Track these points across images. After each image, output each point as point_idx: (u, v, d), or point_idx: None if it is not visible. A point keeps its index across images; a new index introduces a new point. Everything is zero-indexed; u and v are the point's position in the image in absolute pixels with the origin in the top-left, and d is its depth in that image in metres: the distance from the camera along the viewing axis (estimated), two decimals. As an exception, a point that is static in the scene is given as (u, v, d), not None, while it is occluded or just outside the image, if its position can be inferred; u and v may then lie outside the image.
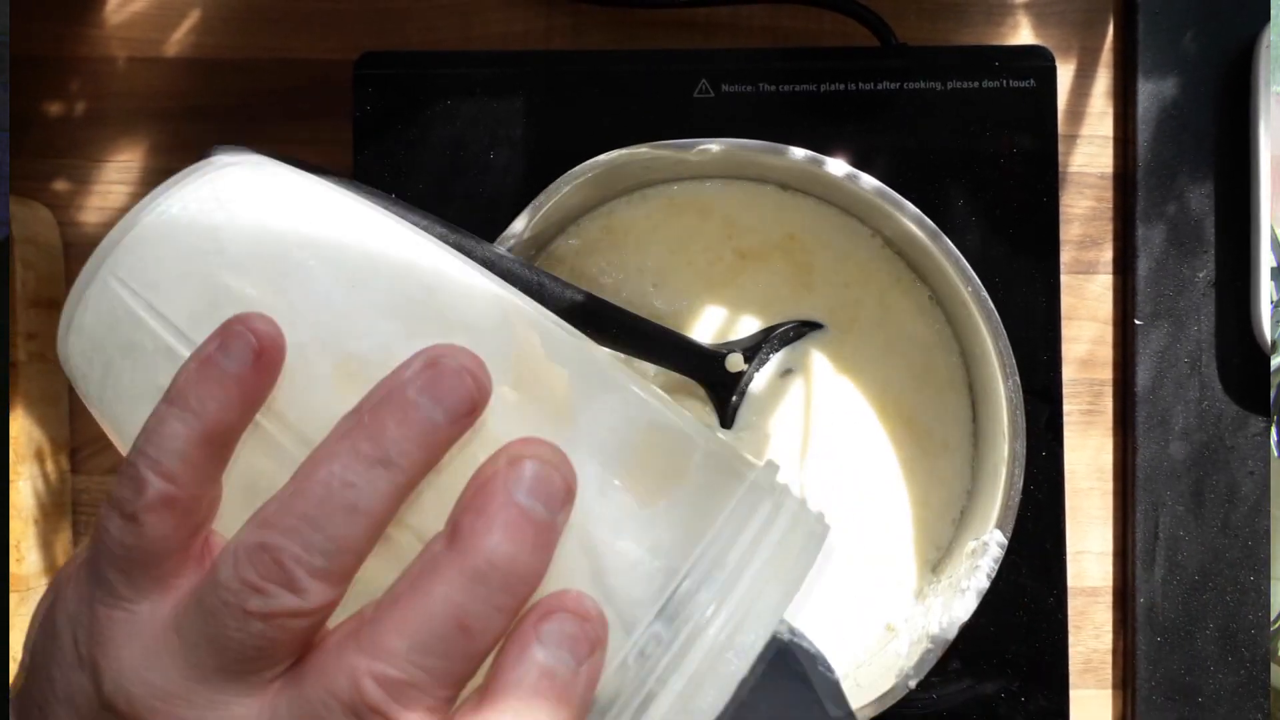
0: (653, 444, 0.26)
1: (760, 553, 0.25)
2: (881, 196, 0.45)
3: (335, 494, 0.23)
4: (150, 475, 0.24)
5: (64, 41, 0.53)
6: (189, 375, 0.24)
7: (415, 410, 0.23)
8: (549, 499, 0.23)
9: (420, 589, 0.23)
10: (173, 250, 0.27)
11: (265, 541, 0.23)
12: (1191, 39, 0.52)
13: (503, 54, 0.52)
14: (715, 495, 0.26)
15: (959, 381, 0.49)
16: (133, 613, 0.24)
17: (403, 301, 0.26)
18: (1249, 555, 0.51)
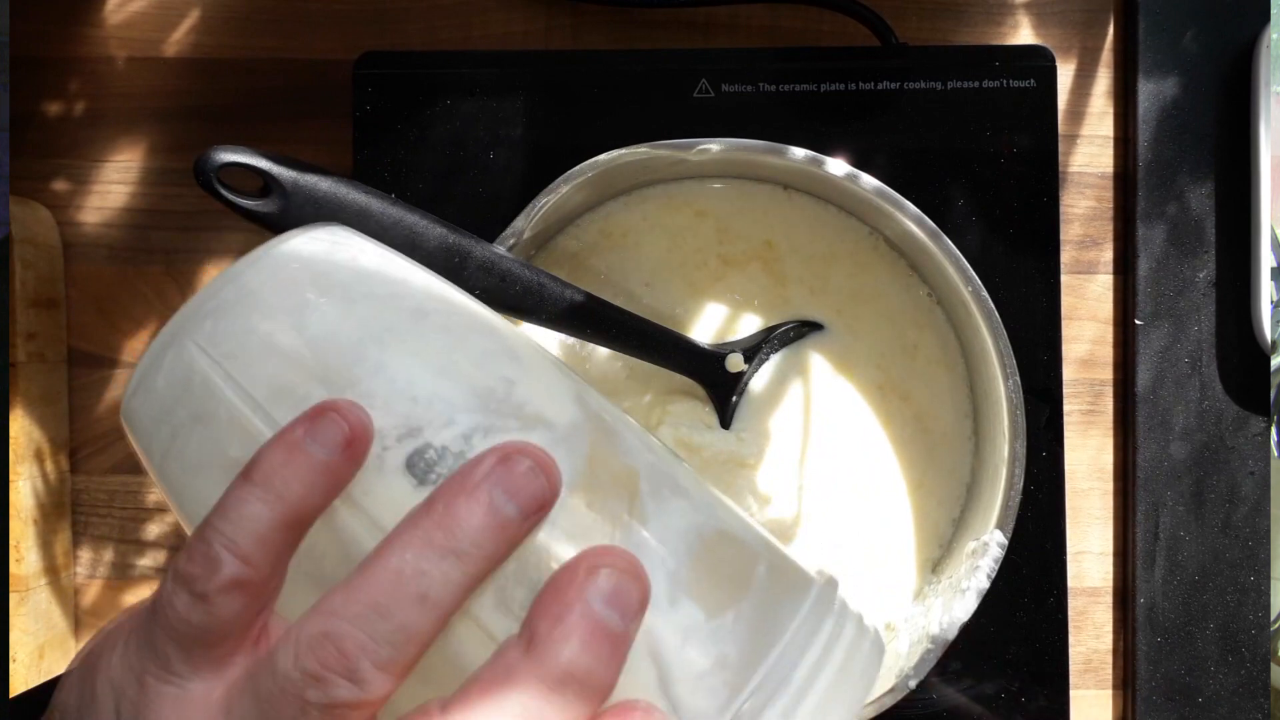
0: (720, 554, 0.27)
1: (825, 673, 0.25)
2: (882, 196, 0.45)
3: (407, 582, 0.23)
4: (225, 555, 0.23)
5: (63, 41, 0.53)
6: (275, 457, 0.24)
7: (491, 506, 0.23)
8: (625, 610, 0.23)
9: (496, 695, 0.22)
10: (256, 324, 0.27)
11: (330, 630, 0.22)
12: (1192, 39, 0.52)
13: (503, 54, 0.52)
14: (780, 609, 0.26)
15: (959, 382, 0.49)
16: (184, 690, 0.24)
17: (483, 394, 0.26)
18: (1249, 555, 0.51)
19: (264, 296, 0.27)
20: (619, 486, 0.26)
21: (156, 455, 0.27)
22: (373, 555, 0.23)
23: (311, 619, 0.23)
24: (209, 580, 0.23)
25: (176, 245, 0.53)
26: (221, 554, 0.23)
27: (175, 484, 0.27)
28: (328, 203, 0.38)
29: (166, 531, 0.53)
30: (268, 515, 0.24)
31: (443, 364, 0.27)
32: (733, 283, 0.49)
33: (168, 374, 0.27)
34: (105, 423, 0.53)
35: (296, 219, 0.38)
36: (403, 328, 0.27)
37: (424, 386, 0.26)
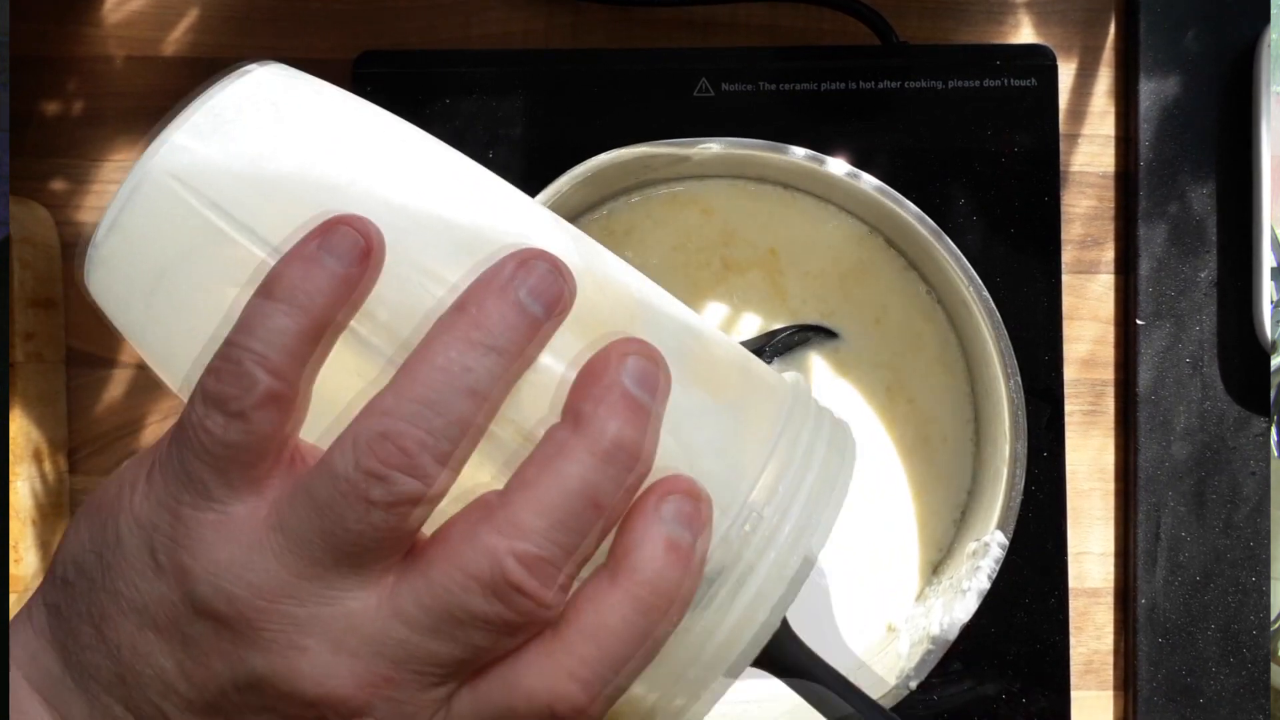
0: (712, 353, 0.29)
1: (819, 448, 0.28)
2: (882, 195, 0.44)
3: (455, 378, 0.23)
4: (258, 371, 0.23)
5: (61, 41, 0.53)
6: (293, 271, 0.24)
7: (520, 305, 0.24)
8: (654, 390, 0.25)
9: (553, 470, 0.24)
10: (236, 151, 0.26)
11: (386, 429, 0.23)
12: (1193, 38, 0.52)
13: (502, 53, 0.52)
14: (772, 396, 0.29)
15: (960, 382, 0.49)
16: (226, 514, 0.24)
17: (480, 224, 0.27)
18: (1250, 556, 0.51)
19: (243, 120, 0.26)
20: (618, 304, 0.28)
21: (137, 307, 0.26)
22: (415, 356, 0.24)
23: (365, 421, 0.23)
24: (245, 397, 0.23)
25: (175, 245, 0.53)
26: (254, 370, 0.23)
27: (163, 334, 0.26)
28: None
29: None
30: (294, 328, 0.24)
31: (443, 191, 0.27)
32: (733, 286, 0.49)
33: (145, 213, 0.26)
34: (104, 423, 0.53)
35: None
36: (394, 155, 0.27)
37: (427, 210, 0.26)
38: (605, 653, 0.24)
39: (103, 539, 0.25)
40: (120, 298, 0.27)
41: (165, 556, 0.24)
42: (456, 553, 0.23)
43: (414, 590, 0.24)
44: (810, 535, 0.27)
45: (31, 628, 0.26)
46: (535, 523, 0.23)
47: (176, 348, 0.26)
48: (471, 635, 0.23)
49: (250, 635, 0.24)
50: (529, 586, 0.23)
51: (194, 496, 0.24)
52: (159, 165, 0.26)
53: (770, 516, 0.27)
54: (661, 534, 0.24)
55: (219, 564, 0.24)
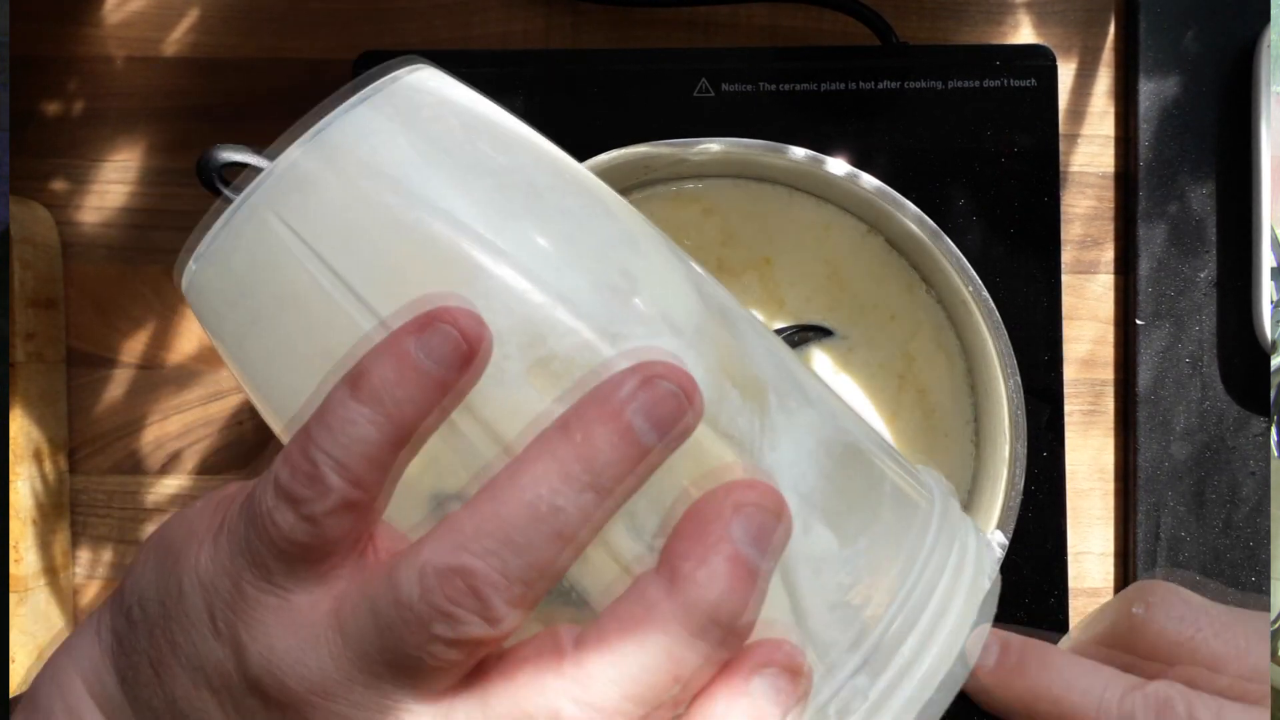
0: (850, 472, 0.25)
1: (959, 592, 0.25)
2: (882, 196, 0.44)
3: (543, 519, 0.22)
4: (334, 478, 0.22)
5: (62, 41, 0.53)
6: (384, 371, 0.22)
7: (632, 433, 0.22)
8: (770, 549, 0.22)
9: (637, 635, 0.22)
10: (345, 194, 0.24)
11: (460, 565, 0.21)
12: (1193, 38, 0.52)
13: (502, 53, 0.52)
14: (908, 533, 0.25)
15: (960, 382, 0.49)
16: (287, 601, 0.23)
17: (607, 291, 0.24)
18: (1250, 556, 0.51)
19: (359, 166, 0.24)
20: (749, 399, 0.24)
21: (230, 338, 0.25)
22: (504, 480, 0.22)
23: (439, 547, 0.22)
24: (317, 503, 0.22)
25: (176, 245, 0.52)
26: (330, 475, 0.22)
27: (255, 370, 0.25)
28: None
29: (165, 532, 0.53)
30: (378, 436, 0.22)
31: (564, 256, 0.24)
32: (730, 286, 0.49)
33: (247, 249, 0.24)
34: (104, 423, 0.53)
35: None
36: (519, 209, 0.24)
37: (546, 283, 0.23)
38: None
39: (166, 587, 0.24)
40: (215, 315, 0.25)
41: (224, 625, 0.23)
42: (520, 698, 0.22)
43: (469, 719, 0.22)
44: (928, 712, 0.23)
45: (99, 644, 0.26)
46: (608, 690, 0.22)
47: (271, 390, 0.25)
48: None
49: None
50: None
51: (256, 577, 0.23)
52: (264, 197, 0.24)
53: (879, 689, 0.23)
54: (746, 712, 0.22)
55: (275, 651, 0.23)
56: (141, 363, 0.53)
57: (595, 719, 0.21)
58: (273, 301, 0.24)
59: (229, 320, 0.25)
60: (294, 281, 0.24)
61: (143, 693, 0.25)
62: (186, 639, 0.24)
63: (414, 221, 0.23)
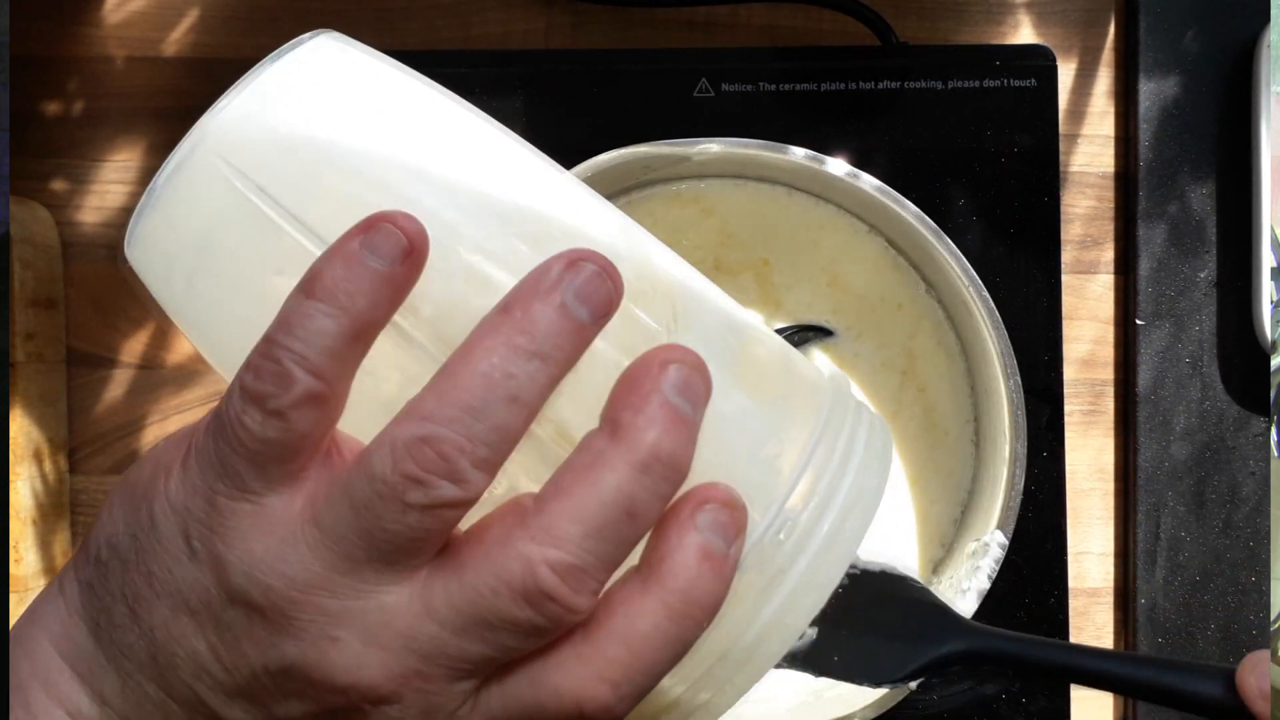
0: (754, 351, 0.29)
1: (857, 450, 0.28)
2: (882, 196, 0.44)
3: (497, 385, 0.24)
4: (298, 371, 0.24)
5: (61, 40, 0.53)
6: (335, 270, 0.24)
7: (566, 309, 0.24)
8: (694, 399, 0.25)
9: (589, 479, 0.24)
10: (284, 133, 0.26)
11: (427, 434, 0.23)
12: (1193, 38, 0.52)
13: (502, 53, 0.52)
14: (811, 395, 0.29)
15: (960, 382, 0.49)
16: (261, 505, 0.24)
17: (532, 211, 0.27)
18: (1250, 556, 0.51)
19: (292, 103, 0.26)
20: (662, 296, 0.28)
21: (178, 288, 0.26)
22: (457, 360, 0.24)
23: (405, 424, 0.24)
24: (283, 396, 0.23)
25: (175, 245, 0.53)
26: (294, 369, 0.24)
27: (204, 316, 0.26)
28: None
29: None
30: (335, 328, 0.24)
31: (491, 178, 0.27)
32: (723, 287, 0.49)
33: (188, 194, 0.25)
34: (104, 423, 0.53)
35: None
36: (447, 142, 0.27)
37: (474, 200, 0.26)
38: (636, 657, 0.24)
39: (137, 520, 0.25)
40: (161, 274, 0.27)
41: (200, 543, 0.24)
42: (491, 557, 0.24)
43: (447, 590, 0.24)
44: (844, 541, 0.27)
45: (64, 602, 0.27)
46: (570, 530, 0.24)
47: (218, 328, 0.26)
48: (501, 637, 0.24)
49: (283, 624, 0.24)
50: (561, 594, 0.23)
51: (229, 487, 0.24)
52: (206, 143, 0.26)
53: (805, 522, 0.27)
54: (696, 542, 0.25)
55: (254, 555, 0.24)
56: (141, 363, 0.53)
57: (564, 559, 0.23)
58: (219, 242, 0.26)
59: (176, 270, 0.26)
60: (240, 219, 0.25)
61: (118, 635, 0.26)
62: (161, 567, 0.25)
63: (350, 152, 0.26)
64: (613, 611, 0.24)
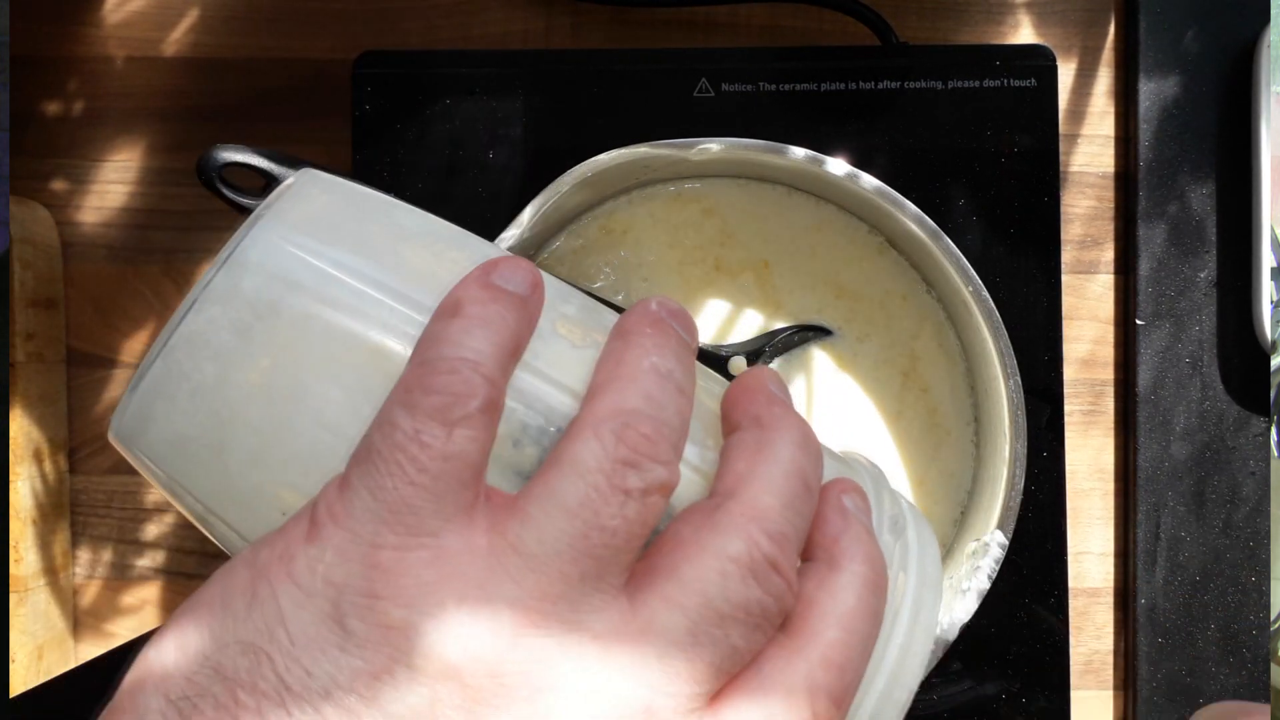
0: None
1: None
2: (882, 196, 0.44)
3: (666, 377, 0.24)
4: (475, 377, 0.22)
5: (61, 40, 0.53)
6: (477, 294, 0.24)
7: (676, 333, 0.26)
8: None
9: (767, 458, 0.24)
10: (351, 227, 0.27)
11: (627, 422, 0.22)
12: (1193, 38, 0.52)
13: (502, 53, 0.52)
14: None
15: (960, 382, 0.49)
16: (441, 548, 0.21)
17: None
18: (1250, 556, 0.51)
19: (331, 209, 0.27)
20: None
21: (256, 369, 0.24)
22: (612, 366, 0.24)
23: (599, 415, 0.23)
24: (468, 403, 0.22)
25: (175, 245, 0.53)
26: (471, 376, 0.22)
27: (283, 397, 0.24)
28: (327, 202, 0.38)
29: (165, 532, 0.53)
30: (493, 340, 0.23)
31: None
32: (723, 288, 0.49)
33: (258, 278, 0.24)
34: (104, 423, 0.53)
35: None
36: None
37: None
38: (850, 633, 0.23)
39: (245, 634, 0.21)
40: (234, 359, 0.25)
41: (359, 620, 0.21)
42: (705, 546, 0.22)
43: (664, 594, 0.22)
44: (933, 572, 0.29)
45: None
46: (770, 502, 0.23)
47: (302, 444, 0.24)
48: (730, 632, 0.22)
49: (491, 688, 0.21)
50: (782, 563, 0.23)
51: (400, 535, 0.21)
52: (273, 234, 0.25)
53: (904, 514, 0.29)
54: (856, 520, 0.26)
55: (448, 609, 0.21)
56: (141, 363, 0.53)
57: (776, 527, 0.23)
58: (302, 316, 0.25)
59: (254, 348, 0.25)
60: (323, 291, 0.25)
61: None
62: (299, 668, 0.20)
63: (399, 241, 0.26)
64: (812, 600, 0.24)
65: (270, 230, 0.25)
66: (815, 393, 0.49)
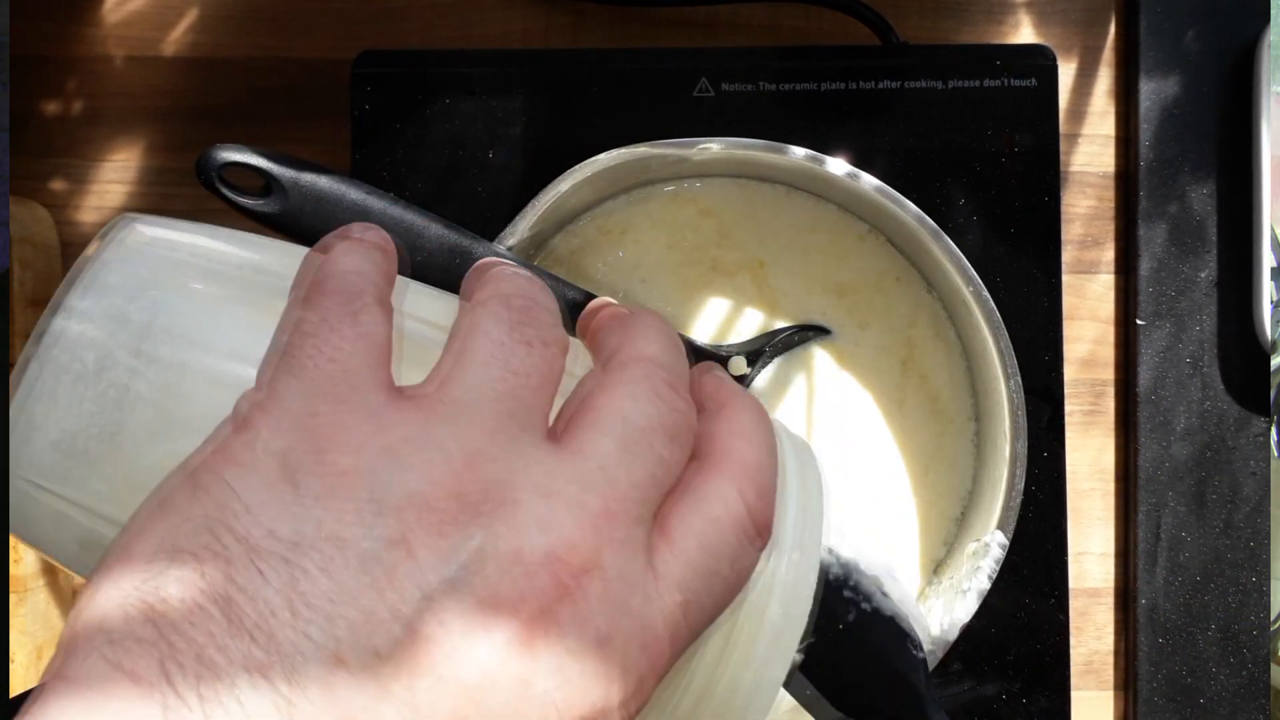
0: None
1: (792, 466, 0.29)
2: (882, 195, 0.44)
3: (529, 279, 0.26)
4: (363, 281, 0.24)
5: (61, 40, 0.53)
6: (343, 240, 0.26)
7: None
8: None
9: (637, 325, 0.27)
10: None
11: (509, 296, 0.25)
12: (1193, 38, 0.52)
13: (502, 53, 0.52)
14: None
15: (960, 382, 0.49)
16: (372, 408, 0.23)
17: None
18: (1251, 556, 0.51)
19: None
20: None
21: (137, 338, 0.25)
22: (481, 280, 0.26)
23: (484, 298, 0.25)
24: (363, 296, 0.24)
25: (175, 245, 0.53)
26: (359, 280, 0.24)
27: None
28: (328, 201, 0.38)
29: (165, 532, 0.53)
30: (371, 261, 0.25)
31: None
32: (720, 288, 0.49)
33: (124, 268, 0.26)
34: (103, 423, 0.53)
35: (297, 217, 0.38)
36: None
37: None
38: (753, 442, 0.26)
39: (199, 512, 0.21)
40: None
41: (310, 475, 0.21)
42: (607, 385, 0.25)
43: (587, 426, 0.24)
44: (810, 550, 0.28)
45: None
46: (653, 349, 0.26)
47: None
48: (653, 442, 0.24)
49: (456, 508, 0.21)
50: (679, 385, 0.25)
51: (332, 403, 0.22)
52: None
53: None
54: (728, 378, 0.28)
55: (394, 448, 0.22)
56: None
57: (659, 360, 0.26)
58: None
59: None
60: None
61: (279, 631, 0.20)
62: (260, 529, 0.20)
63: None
64: (712, 432, 0.26)
65: (124, 229, 0.26)
66: (816, 391, 0.48)
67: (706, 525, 0.24)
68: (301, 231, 0.38)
